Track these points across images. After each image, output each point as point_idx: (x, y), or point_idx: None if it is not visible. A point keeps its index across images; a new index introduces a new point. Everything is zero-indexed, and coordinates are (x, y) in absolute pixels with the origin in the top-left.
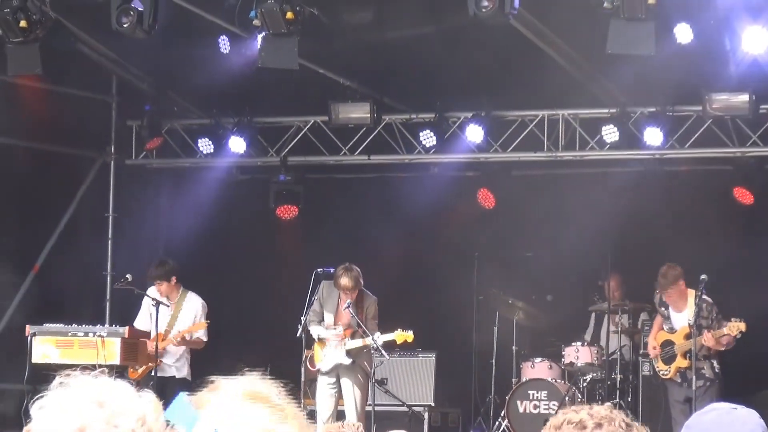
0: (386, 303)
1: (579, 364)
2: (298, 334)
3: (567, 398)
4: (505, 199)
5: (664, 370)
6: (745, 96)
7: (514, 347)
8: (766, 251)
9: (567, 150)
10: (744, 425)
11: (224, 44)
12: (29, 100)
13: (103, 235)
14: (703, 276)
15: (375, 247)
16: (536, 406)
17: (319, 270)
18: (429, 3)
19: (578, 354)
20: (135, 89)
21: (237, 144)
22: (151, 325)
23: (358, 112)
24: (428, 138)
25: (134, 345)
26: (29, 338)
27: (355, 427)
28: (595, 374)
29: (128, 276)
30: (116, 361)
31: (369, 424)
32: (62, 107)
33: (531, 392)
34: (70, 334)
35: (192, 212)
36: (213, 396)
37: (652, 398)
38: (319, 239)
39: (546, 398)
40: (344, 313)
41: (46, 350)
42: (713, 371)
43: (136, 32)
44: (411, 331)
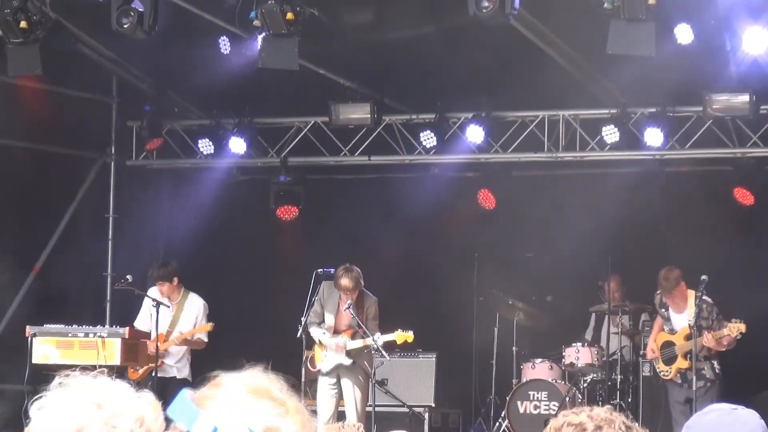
0: (386, 303)
1: (579, 365)
2: (299, 335)
3: (567, 399)
4: (506, 200)
5: (665, 371)
6: (746, 96)
7: (515, 348)
8: (767, 252)
9: (567, 151)
10: (744, 426)
11: (224, 45)
12: (29, 101)
13: (104, 236)
14: (704, 276)
15: (375, 248)
16: (536, 407)
17: (320, 271)
18: (429, 3)
19: (579, 355)
20: (135, 90)
21: (237, 145)
22: (152, 326)
23: (359, 113)
24: (428, 138)
25: (135, 346)
26: (29, 339)
27: (356, 428)
28: (596, 375)
29: (128, 277)
30: (116, 362)
31: (369, 425)
32: (62, 108)
33: (531, 393)
34: (71, 335)
35: (192, 213)
36: (216, 392)
37: (653, 399)
38: (320, 240)
39: (546, 399)
40: (345, 314)
41: (47, 351)
42: (714, 372)
43: (137, 33)
44: (411, 332)
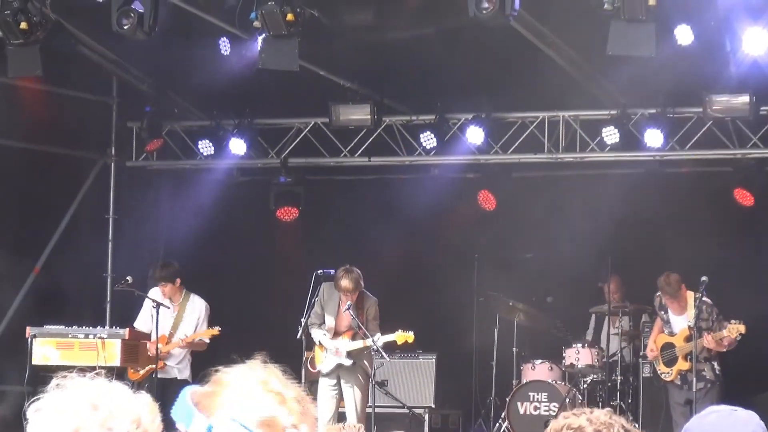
0: (386, 304)
1: (579, 366)
2: (299, 336)
3: (567, 400)
4: (505, 201)
5: (666, 373)
6: (746, 97)
7: (515, 349)
8: (767, 253)
9: (567, 151)
10: (745, 427)
11: (224, 46)
12: (30, 102)
13: (104, 237)
14: (704, 278)
15: (375, 249)
16: (537, 408)
17: (320, 272)
18: (429, 4)
19: (579, 356)
20: (135, 91)
21: (237, 145)
22: (152, 327)
23: (359, 114)
24: (428, 139)
25: (135, 347)
26: (29, 340)
27: (356, 429)
28: (596, 376)
29: (128, 278)
30: (116, 363)
31: (369, 426)
32: (63, 109)
33: (531, 394)
34: (71, 336)
35: (192, 214)
36: (213, 389)
37: (653, 400)
38: (320, 241)
39: (546, 400)
40: (345, 315)
41: (47, 352)
42: (714, 373)
43: (137, 34)
44: (412, 332)
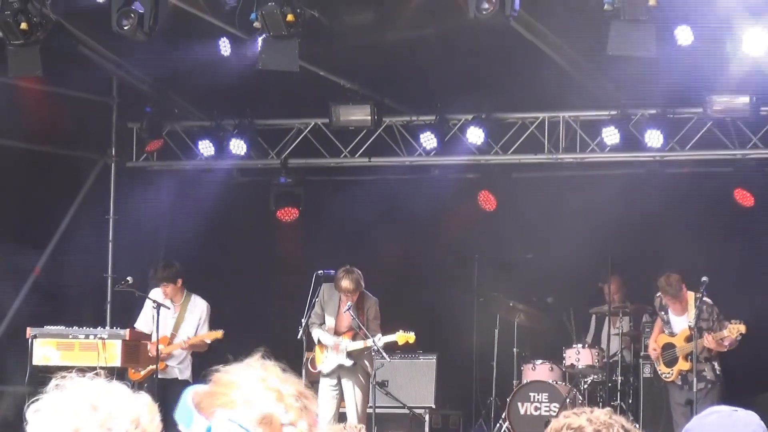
0: (387, 305)
1: (580, 366)
2: (299, 336)
3: (568, 400)
4: (506, 201)
5: (667, 373)
6: (746, 98)
7: (515, 349)
8: (767, 253)
9: (567, 152)
10: (746, 427)
11: (225, 46)
12: (30, 102)
13: (104, 237)
14: (704, 278)
15: (376, 249)
16: (537, 408)
17: (320, 272)
18: (429, 5)
19: (579, 356)
20: (136, 91)
21: (237, 146)
22: (153, 328)
23: (359, 114)
24: (429, 140)
25: (135, 347)
26: (30, 340)
27: (357, 429)
28: (596, 376)
29: (129, 278)
30: (117, 364)
31: (370, 426)
32: (63, 109)
33: (532, 394)
34: (71, 337)
35: (192, 214)
36: (212, 389)
37: (654, 401)
38: (320, 241)
39: (547, 400)
40: (345, 316)
41: (47, 352)
42: (714, 373)
43: (137, 34)
44: (412, 333)
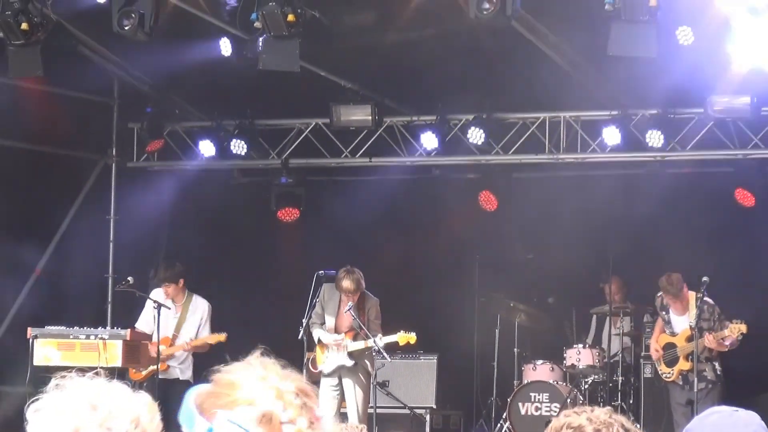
0: (387, 305)
1: (581, 367)
2: (300, 337)
3: (569, 400)
4: (506, 202)
5: (667, 373)
6: (747, 98)
7: (516, 349)
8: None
9: (568, 152)
10: (746, 428)
11: (225, 46)
12: (30, 103)
13: (105, 238)
14: (705, 278)
15: (376, 250)
16: (538, 408)
17: (321, 272)
18: (430, 5)
19: (580, 356)
20: (136, 91)
21: (238, 146)
22: (154, 328)
23: (360, 115)
24: (429, 140)
25: (136, 347)
26: (31, 341)
27: (358, 430)
28: (597, 376)
29: (129, 278)
30: (118, 364)
31: (371, 426)
32: (64, 110)
33: (533, 394)
34: (72, 337)
35: (193, 215)
36: (213, 390)
37: (654, 401)
38: (321, 242)
39: (548, 400)
40: (345, 316)
41: (48, 353)
42: (715, 374)
43: (138, 35)
44: (413, 333)
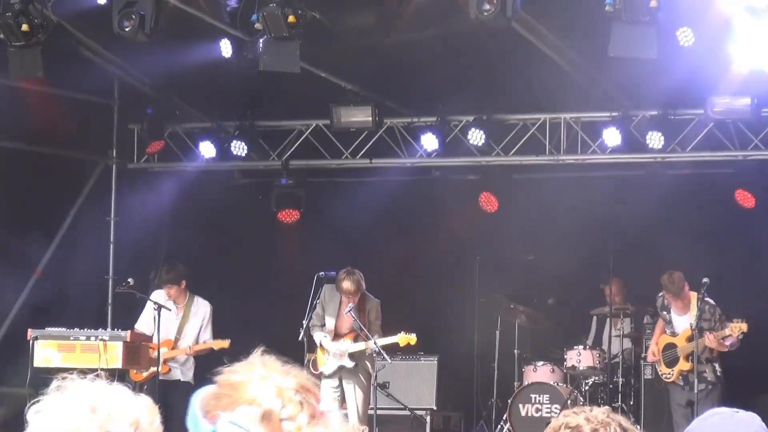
0: (388, 306)
1: (581, 368)
2: (300, 338)
3: (569, 402)
4: (507, 203)
5: (667, 374)
6: (747, 99)
7: (516, 350)
8: None
9: (569, 153)
10: (747, 429)
11: (226, 48)
12: (31, 104)
13: (105, 239)
14: (705, 279)
15: (377, 251)
16: (538, 410)
17: (321, 274)
18: (430, 6)
19: (580, 357)
20: (137, 92)
21: (239, 147)
22: (154, 329)
23: (360, 116)
24: (430, 141)
25: (137, 349)
26: (31, 342)
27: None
28: (597, 378)
29: (130, 280)
30: (118, 365)
31: (371, 428)
32: (64, 111)
33: (533, 396)
34: (72, 338)
35: (193, 216)
36: (216, 391)
37: (655, 402)
38: (321, 243)
39: (548, 402)
40: (346, 317)
41: (48, 354)
42: (715, 375)
43: (138, 36)
44: (414, 334)
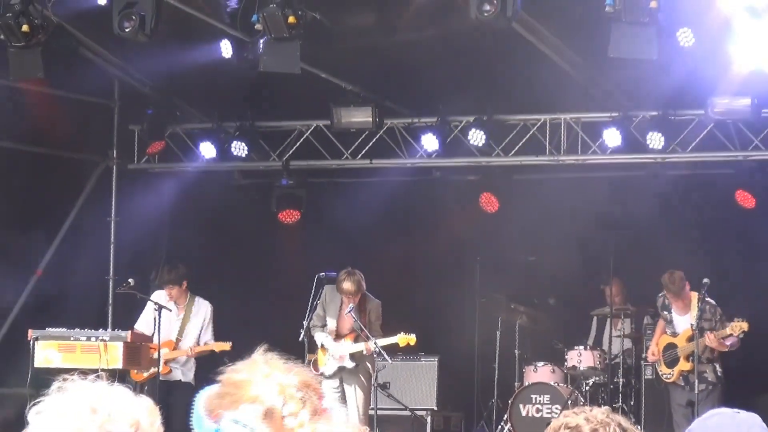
0: (388, 306)
1: (581, 368)
2: (301, 338)
3: (569, 402)
4: (507, 203)
5: (667, 374)
6: (747, 100)
7: (517, 351)
8: None
9: (569, 154)
10: (749, 429)
11: (226, 48)
12: (31, 105)
13: (106, 239)
14: (706, 280)
15: (377, 251)
16: (539, 410)
17: (322, 274)
18: (430, 7)
19: (581, 358)
20: (137, 93)
21: (239, 148)
22: (154, 329)
23: (360, 116)
24: (430, 142)
25: (137, 349)
26: (32, 342)
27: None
28: (598, 378)
29: (130, 280)
30: (119, 366)
31: (372, 428)
32: (64, 111)
33: (534, 396)
34: (73, 339)
35: (194, 216)
36: (219, 390)
37: (655, 402)
38: (321, 243)
39: (548, 402)
40: (346, 318)
41: (49, 354)
42: (716, 375)
43: (138, 36)
44: (413, 335)
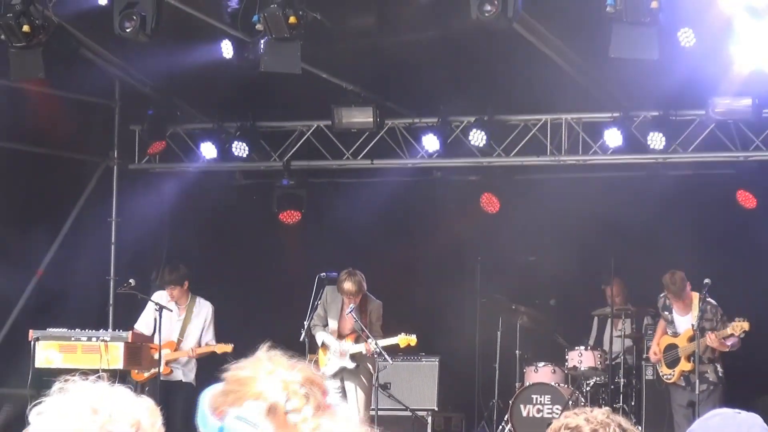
0: (389, 307)
1: (582, 369)
2: (302, 339)
3: (570, 402)
4: (508, 203)
5: (668, 374)
6: (748, 100)
7: (518, 351)
8: None
9: (570, 154)
10: (750, 429)
11: (227, 49)
12: (32, 105)
13: (106, 240)
14: (707, 280)
15: (378, 252)
16: (540, 411)
17: (323, 275)
18: (432, 7)
19: (581, 358)
20: (138, 93)
21: (240, 148)
22: (154, 330)
23: (361, 117)
24: (431, 142)
25: (138, 349)
26: (32, 343)
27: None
28: (599, 378)
29: (131, 280)
30: (120, 366)
31: (372, 428)
32: (65, 112)
33: (534, 396)
34: (74, 339)
35: (194, 217)
36: (223, 388)
37: (656, 402)
38: (322, 244)
39: (549, 402)
40: (347, 318)
41: (50, 355)
42: (717, 375)
43: (139, 37)
44: (414, 335)
